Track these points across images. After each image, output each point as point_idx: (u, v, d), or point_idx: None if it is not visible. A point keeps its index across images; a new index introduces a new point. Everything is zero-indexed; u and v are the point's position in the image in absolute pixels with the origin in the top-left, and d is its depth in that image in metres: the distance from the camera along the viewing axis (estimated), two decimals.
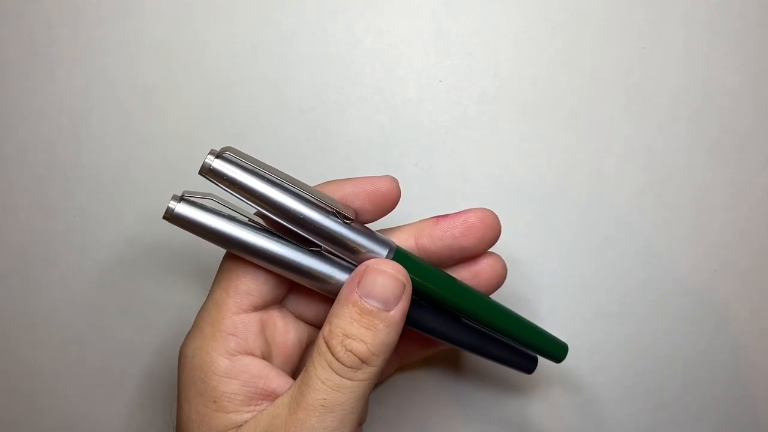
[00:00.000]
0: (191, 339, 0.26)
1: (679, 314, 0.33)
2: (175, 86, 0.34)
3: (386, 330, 0.24)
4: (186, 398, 0.25)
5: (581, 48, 0.34)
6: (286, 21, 0.34)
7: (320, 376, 0.24)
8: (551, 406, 0.33)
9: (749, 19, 0.34)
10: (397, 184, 0.26)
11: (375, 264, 0.25)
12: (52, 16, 0.34)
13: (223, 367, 0.25)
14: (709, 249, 0.34)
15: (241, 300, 0.25)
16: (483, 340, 0.28)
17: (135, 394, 0.34)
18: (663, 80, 0.34)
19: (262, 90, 0.34)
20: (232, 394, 0.24)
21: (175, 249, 0.34)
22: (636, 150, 0.34)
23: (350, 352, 0.24)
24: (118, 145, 0.34)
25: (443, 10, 0.34)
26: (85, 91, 0.34)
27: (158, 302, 0.34)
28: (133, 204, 0.34)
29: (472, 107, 0.34)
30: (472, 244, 0.27)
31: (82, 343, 0.34)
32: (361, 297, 0.24)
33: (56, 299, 0.34)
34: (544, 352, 0.29)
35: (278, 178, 0.24)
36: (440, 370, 0.34)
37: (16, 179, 0.34)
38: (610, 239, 0.34)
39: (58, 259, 0.34)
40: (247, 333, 0.25)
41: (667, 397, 0.33)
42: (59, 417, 0.34)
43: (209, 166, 0.24)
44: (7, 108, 0.34)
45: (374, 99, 0.34)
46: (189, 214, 0.24)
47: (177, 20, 0.34)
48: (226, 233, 0.25)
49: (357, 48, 0.34)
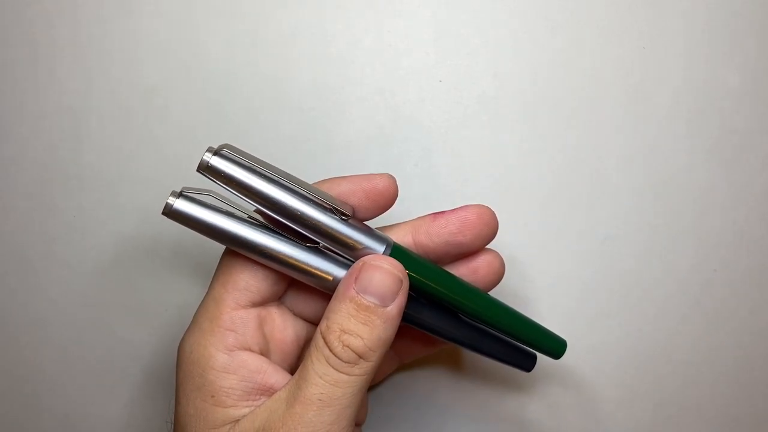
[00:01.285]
0: (190, 334, 0.26)
1: (679, 314, 0.34)
2: (175, 86, 0.34)
3: (383, 326, 0.24)
4: (184, 393, 0.25)
5: (581, 48, 0.34)
6: (286, 21, 0.34)
7: (318, 370, 0.24)
8: (551, 406, 0.33)
9: (749, 19, 0.34)
10: (395, 181, 0.26)
11: (372, 260, 0.25)
12: (52, 16, 0.34)
13: (221, 362, 0.25)
14: (709, 249, 0.34)
15: (239, 296, 0.25)
16: (481, 338, 0.28)
17: (135, 393, 0.34)
18: (663, 80, 0.34)
19: (262, 90, 0.34)
20: (230, 389, 0.24)
21: (175, 249, 0.34)
22: (636, 150, 0.34)
23: (347, 347, 0.24)
24: (118, 145, 0.34)
25: (443, 10, 0.34)
26: (85, 91, 0.34)
27: (158, 301, 0.34)
28: (133, 204, 0.34)
29: (472, 107, 0.34)
30: (469, 241, 0.27)
31: (82, 342, 0.34)
32: (358, 293, 0.24)
33: (56, 299, 0.34)
34: (543, 348, 0.29)
35: (276, 175, 0.25)
36: (439, 370, 0.34)
37: (16, 179, 0.34)
38: (610, 239, 0.34)
39: (58, 259, 0.34)
40: (245, 329, 0.25)
41: (667, 397, 0.33)
42: (59, 417, 0.34)
43: (207, 163, 0.24)
44: (7, 108, 0.34)
45: (374, 99, 0.34)
46: (187, 210, 0.24)
47: (177, 20, 0.34)
48: (225, 229, 0.25)
49: (357, 48, 0.34)
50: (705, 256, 0.34)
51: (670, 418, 0.33)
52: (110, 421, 0.34)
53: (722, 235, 0.34)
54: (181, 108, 0.34)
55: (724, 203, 0.34)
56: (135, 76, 0.34)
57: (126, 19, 0.34)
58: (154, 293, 0.34)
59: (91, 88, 0.34)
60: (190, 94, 0.34)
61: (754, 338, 0.33)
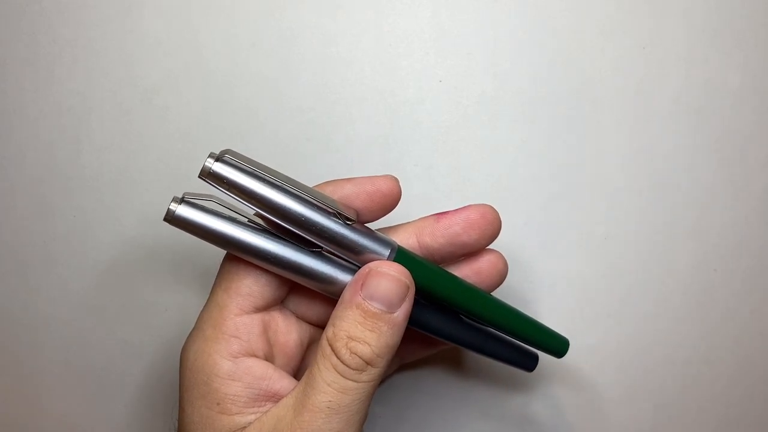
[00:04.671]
0: (193, 341, 0.26)
1: (679, 314, 0.34)
2: (175, 86, 0.34)
3: (390, 332, 0.24)
4: (188, 400, 0.25)
5: (581, 48, 0.34)
6: (286, 21, 0.34)
7: (325, 378, 0.24)
8: (552, 407, 0.33)
9: (749, 19, 0.34)
10: (398, 183, 0.26)
11: (378, 266, 0.25)
12: (52, 16, 0.34)
13: (226, 369, 0.25)
14: (709, 249, 0.34)
15: (242, 301, 0.25)
16: (484, 339, 0.28)
17: (135, 395, 0.34)
18: (663, 80, 0.34)
19: (262, 90, 0.34)
20: (235, 396, 0.24)
21: (175, 249, 0.34)
22: (636, 150, 0.34)
23: (355, 354, 0.24)
24: (118, 145, 0.34)
25: (443, 10, 0.34)
26: (85, 91, 0.34)
27: (158, 303, 0.34)
28: (133, 204, 0.34)
29: (472, 107, 0.34)
30: (473, 240, 0.27)
31: (82, 343, 0.34)
32: (364, 299, 0.24)
33: (56, 299, 0.34)
34: (546, 347, 0.29)
35: (278, 180, 0.24)
36: (441, 370, 0.34)
37: (16, 179, 0.34)
38: (610, 239, 0.34)
39: (58, 259, 0.34)
40: (249, 334, 0.25)
41: (667, 397, 0.33)
42: (59, 417, 0.34)
43: (209, 169, 0.24)
44: (7, 108, 0.34)
45: (374, 99, 0.34)
46: (190, 216, 0.24)
47: (177, 20, 0.34)
48: (227, 234, 0.25)
49: (357, 48, 0.34)
50: (705, 256, 0.34)
51: (670, 419, 0.33)
52: (110, 422, 0.34)
53: (722, 235, 0.34)
54: (181, 108, 0.34)
55: (724, 203, 0.34)
56: (135, 76, 0.34)
57: (126, 19, 0.34)
58: (155, 293, 0.34)
59: (91, 88, 0.34)
60: (190, 94, 0.34)
61: (754, 338, 0.33)
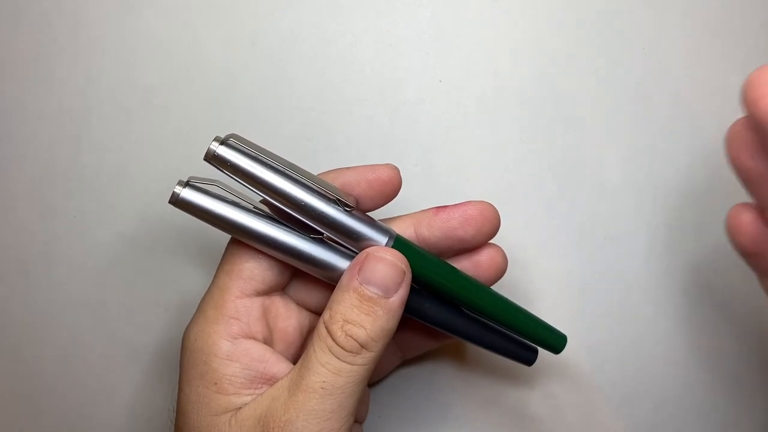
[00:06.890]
0: (194, 322, 0.26)
1: (679, 314, 0.34)
2: (175, 86, 0.34)
3: (386, 316, 0.24)
4: (187, 380, 0.25)
5: (581, 48, 0.34)
6: (286, 21, 0.34)
7: (320, 359, 0.24)
8: (551, 407, 0.33)
9: (749, 19, 0.34)
10: (399, 172, 0.27)
11: (376, 251, 0.25)
12: (52, 16, 0.34)
13: (225, 349, 0.25)
14: (708, 249, 0.34)
15: (244, 284, 0.26)
16: (483, 331, 0.28)
17: (135, 394, 0.34)
18: (663, 80, 0.34)
19: (262, 90, 0.34)
20: (232, 376, 0.25)
21: (175, 249, 0.34)
22: (636, 150, 0.34)
23: (350, 337, 0.24)
24: (118, 145, 0.34)
25: (443, 10, 0.34)
26: (85, 91, 0.34)
27: (158, 302, 0.34)
28: (133, 204, 0.34)
29: (472, 107, 0.34)
30: (470, 236, 0.27)
31: (82, 342, 0.34)
32: (361, 283, 0.24)
33: (56, 299, 0.34)
34: (543, 342, 0.29)
35: (281, 165, 0.25)
36: (441, 366, 0.34)
37: (16, 179, 0.34)
38: (610, 239, 0.34)
39: (58, 259, 0.34)
40: (249, 317, 0.26)
41: (667, 397, 0.33)
42: (59, 417, 0.34)
43: (214, 152, 0.24)
44: (7, 108, 0.34)
45: (374, 99, 0.34)
46: (194, 199, 0.25)
47: (177, 20, 0.34)
48: (231, 219, 0.25)
49: (357, 48, 0.34)
50: (705, 256, 0.34)
51: (670, 418, 0.33)
52: (110, 422, 0.34)
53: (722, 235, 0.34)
54: (181, 108, 0.34)
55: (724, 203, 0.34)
56: (135, 76, 0.34)
57: (126, 19, 0.34)
58: (154, 293, 0.34)
59: (91, 88, 0.34)
60: (190, 94, 0.34)
61: (754, 338, 0.33)
